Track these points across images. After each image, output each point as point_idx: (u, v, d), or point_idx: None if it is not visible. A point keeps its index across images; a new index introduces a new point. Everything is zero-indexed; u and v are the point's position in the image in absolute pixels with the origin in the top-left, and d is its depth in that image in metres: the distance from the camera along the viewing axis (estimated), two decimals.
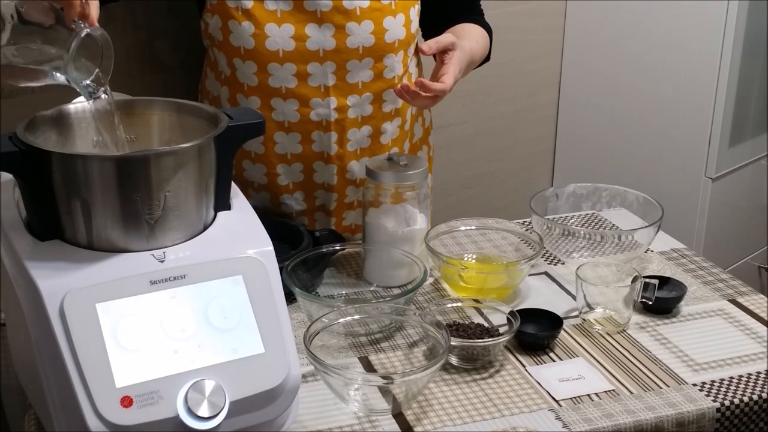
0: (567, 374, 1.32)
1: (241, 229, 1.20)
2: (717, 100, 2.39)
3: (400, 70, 1.68)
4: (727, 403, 1.26)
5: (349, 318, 1.36)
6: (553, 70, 2.70)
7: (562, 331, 1.42)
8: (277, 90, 1.61)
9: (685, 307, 1.50)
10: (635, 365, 1.34)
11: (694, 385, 1.30)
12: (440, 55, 1.58)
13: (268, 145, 1.66)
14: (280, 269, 1.20)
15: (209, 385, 1.06)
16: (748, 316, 1.48)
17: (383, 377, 1.26)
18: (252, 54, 1.59)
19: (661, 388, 1.29)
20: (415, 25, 1.68)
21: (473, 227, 1.65)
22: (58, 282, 1.06)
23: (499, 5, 2.42)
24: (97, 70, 1.18)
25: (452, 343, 1.29)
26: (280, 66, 1.59)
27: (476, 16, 1.80)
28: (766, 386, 1.29)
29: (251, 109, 1.29)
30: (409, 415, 1.23)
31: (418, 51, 1.75)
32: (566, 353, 1.37)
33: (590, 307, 1.44)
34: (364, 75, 1.64)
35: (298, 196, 1.71)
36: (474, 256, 1.63)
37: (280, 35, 1.58)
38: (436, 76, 1.56)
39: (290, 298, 1.33)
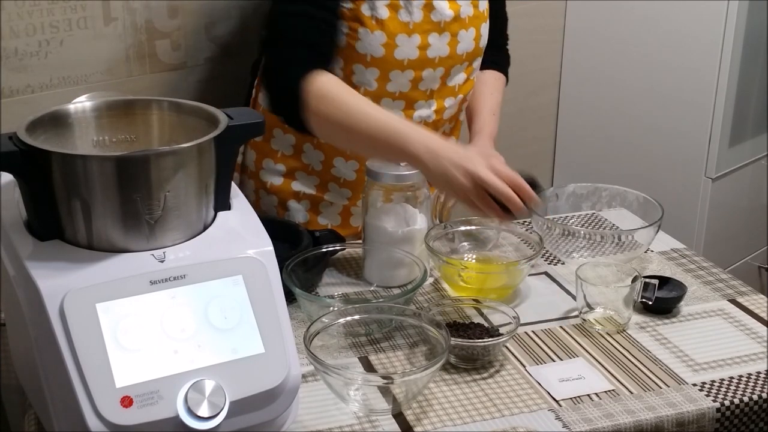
0: (567, 374, 1.32)
1: (241, 229, 1.20)
2: (717, 100, 2.39)
3: (478, 81, 1.78)
4: (727, 403, 1.26)
5: (349, 318, 1.36)
6: (553, 70, 2.70)
7: (562, 331, 1.43)
8: (391, 94, 1.66)
9: (685, 307, 1.50)
10: (635, 365, 1.34)
11: (694, 385, 1.30)
12: None
13: None
14: (280, 269, 1.20)
15: (209, 385, 1.06)
16: (748, 316, 1.48)
17: (383, 377, 1.26)
18: (378, 62, 1.62)
19: (661, 388, 1.29)
20: None
21: (473, 227, 1.65)
22: (58, 282, 1.06)
23: None
24: None
25: (452, 343, 1.29)
26: (401, 72, 1.64)
27: (500, 54, 1.89)
28: (766, 386, 1.29)
29: (251, 110, 1.29)
30: (409, 415, 1.23)
31: None
32: (566, 353, 1.37)
33: (590, 307, 1.44)
34: (460, 78, 1.71)
35: None
36: (474, 256, 1.62)
37: (408, 45, 1.62)
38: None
39: (290, 298, 1.33)
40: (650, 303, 1.45)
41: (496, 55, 1.86)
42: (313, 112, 1.52)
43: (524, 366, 1.34)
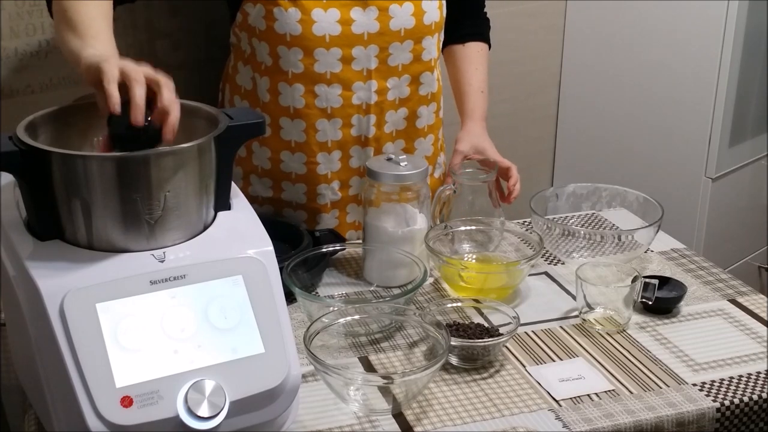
0: (567, 374, 1.32)
1: (241, 229, 1.20)
2: (717, 100, 2.39)
3: (435, 53, 1.72)
4: (727, 403, 1.26)
5: (349, 318, 1.36)
6: (553, 70, 2.70)
7: (562, 331, 1.43)
8: (321, 75, 1.63)
9: (685, 307, 1.50)
10: (635, 365, 1.34)
11: (694, 385, 1.30)
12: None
13: (310, 133, 1.68)
14: (280, 269, 1.20)
15: (209, 385, 1.06)
16: (748, 316, 1.48)
17: (383, 377, 1.26)
18: (298, 40, 1.60)
19: (661, 388, 1.29)
20: (445, 9, 1.72)
21: (473, 227, 1.65)
22: (58, 282, 1.06)
23: (499, 5, 2.41)
24: None
25: (452, 343, 1.29)
26: (327, 51, 1.61)
27: (479, 21, 1.86)
28: (766, 386, 1.29)
29: (251, 110, 1.29)
30: (409, 415, 1.23)
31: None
32: (566, 353, 1.37)
33: (590, 307, 1.44)
34: (404, 57, 1.67)
35: (334, 186, 1.73)
36: (474, 256, 1.62)
37: (326, 20, 1.59)
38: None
39: (290, 298, 1.33)
40: (650, 303, 1.45)
41: (474, 25, 1.84)
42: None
43: (524, 366, 1.34)
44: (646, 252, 1.66)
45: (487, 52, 1.86)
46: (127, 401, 1.03)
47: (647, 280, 1.45)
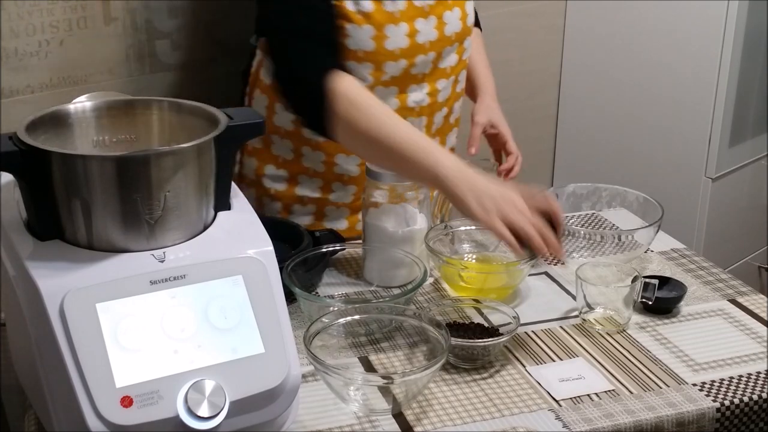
0: (567, 374, 1.32)
1: (241, 229, 1.20)
2: (717, 100, 2.39)
3: (470, 51, 1.76)
4: (727, 403, 1.26)
5: (349, 318, 1.36)
6: (553, 70, 2.70)
7: (562, 331, 1.43)
8: (383, 82, 1.64)
9: (685, 307, 1.50)
10: (635, 365, 1.34)
11: (694, 385, 1.30)
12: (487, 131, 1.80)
13: None
14: (280, 269, 1.20)
15: (209, 385, 1.06)
16: (748, 316, 1.48)
17: (383, 377, 1.26)
18: (371, 56, 1.60)
19: (661, 388, 1.29)
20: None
21: (473, 227, 1.65)
22: (58, 282, 1.06)
23: (499, 5, 2.42)
24: None
25: (452, 343, 1.29)
26: (395, 63, 1.62)
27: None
28: (766, 386, 1.29)
29: (251, 110, 1.29)
30: (409, 415, 1.23)
31: None
32: (566, 353, 1.37)
33: (590, 307, 1.44)
34: (452, 60, 1.70)
35: None
36: (474, 256, 1.62)
37: (398, 34, 1.60)
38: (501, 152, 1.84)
39: (290, 298, 1.33)
40: (650, 303, 1.45)
41: None
42: (341, 117, 1.46)
43: (524, 366, 1.34)
44: (646, 252, 1.66)
45: (480, 34, 1.91)
46: (127, 401, 1.03)
47: (647, 280, 1.45)
